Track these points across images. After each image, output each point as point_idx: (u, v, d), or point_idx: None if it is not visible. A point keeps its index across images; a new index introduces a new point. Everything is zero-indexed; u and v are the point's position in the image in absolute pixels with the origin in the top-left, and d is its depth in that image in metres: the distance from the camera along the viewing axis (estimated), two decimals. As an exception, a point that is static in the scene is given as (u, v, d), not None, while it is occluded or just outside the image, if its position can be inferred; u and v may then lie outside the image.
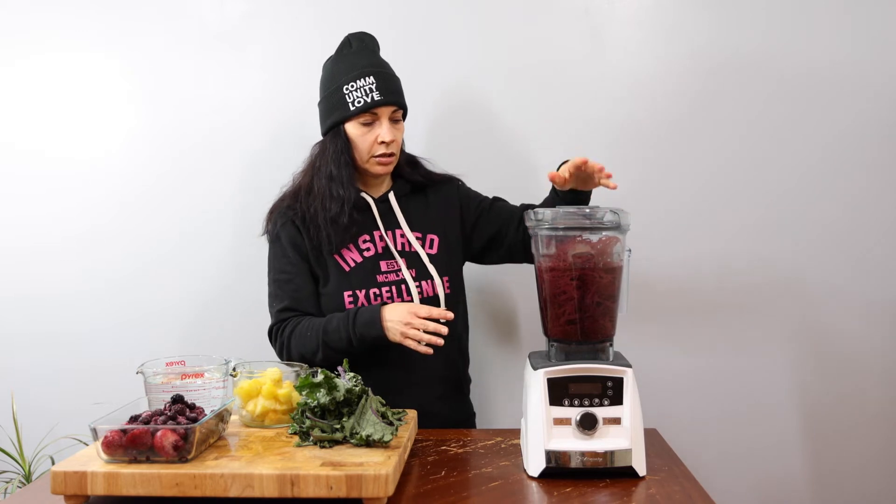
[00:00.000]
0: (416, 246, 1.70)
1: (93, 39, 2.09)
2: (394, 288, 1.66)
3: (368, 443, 1.26)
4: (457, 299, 1.75)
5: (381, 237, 1.70)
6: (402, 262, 1.68)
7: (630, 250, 1.40)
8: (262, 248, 2.07)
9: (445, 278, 1.70)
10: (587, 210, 1.40)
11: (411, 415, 1.48)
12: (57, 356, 2.10)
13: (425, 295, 1.67)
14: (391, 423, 1.34)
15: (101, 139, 2.10)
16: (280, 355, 1.68)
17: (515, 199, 1.83)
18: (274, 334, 1.68)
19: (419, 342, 1.51)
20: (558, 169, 1.58)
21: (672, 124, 2.04)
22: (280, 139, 2.08)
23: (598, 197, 2.03)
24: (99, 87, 2.10)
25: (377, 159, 1.66)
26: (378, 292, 1.65)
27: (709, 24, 2.03)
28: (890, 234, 2.03)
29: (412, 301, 1.64)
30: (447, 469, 1.36)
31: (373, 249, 1.69)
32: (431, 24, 1.87)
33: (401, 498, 1.22)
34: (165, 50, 2.08)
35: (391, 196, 1.73)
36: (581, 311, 1.36)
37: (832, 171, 2.03)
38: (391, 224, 1.72)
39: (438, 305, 1.66)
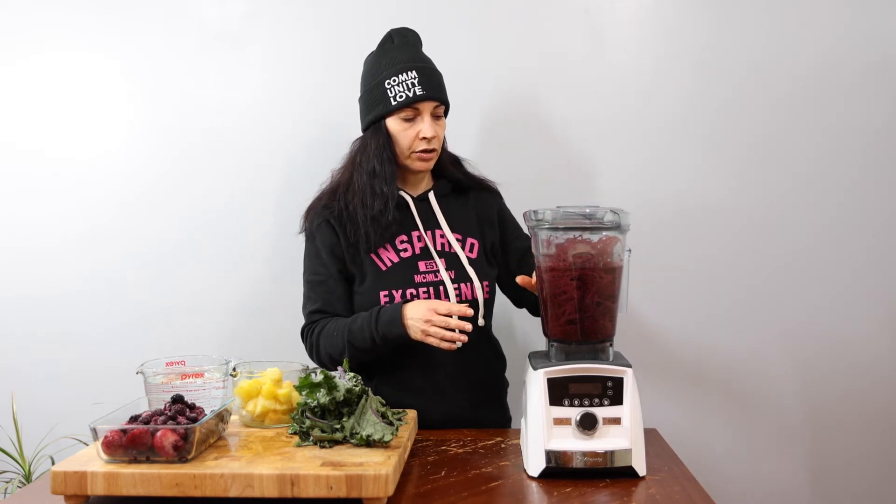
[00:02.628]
0: (457, 247, 1.66)
1: (93, 39, 2.08)
2: (431, 289, 1.62)
3: (368, 443, 1.26)
4: (494, 304, 1.72)
5: (420, 237, 1.66)
6: (441, 263, 1.64)
7: (630, 250, 1.40)
8: (262, 247, 2.08)
9: (486, 283, 1.66)
10: (587, 210, 1.39)
11: (411, 415, 1.48)
12: (57, 356, 2.10)
13: (464, 298, 1.62)
14: (391, 423, 1.34)
15: (101, 139, 2.10)
16: (310, 356, 1.66)
17: (509, 198, 1.82)
18: (305, 335, 1.66)
19: (441, 339, 1.48)
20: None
21: (672, 124, 2.04)
22: (280, 139, 2.07)
23: (599, 196, 2.04)
24: (99, 87, 2.09)
25: (418, 155, 1.62)
26: (415, 293, 1.61)
27: (709, 23, 2.03)
28: (890, 233, 2.03)
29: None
30: (447, 469, 1.36)
31: (410, 250, 1.65)
32: (431, 23, 1.87)
33: (401, 498, 1.22)
34: (165, 50, 2.08)
35: (431, 195, 1.70)
36: (581, 311, 1.36)
37: (833, 170, 2.03)
38: (431, 224, 1.68)
39: (477, 309, 1.63)
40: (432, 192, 1.70)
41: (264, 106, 2.07)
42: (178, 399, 1.31)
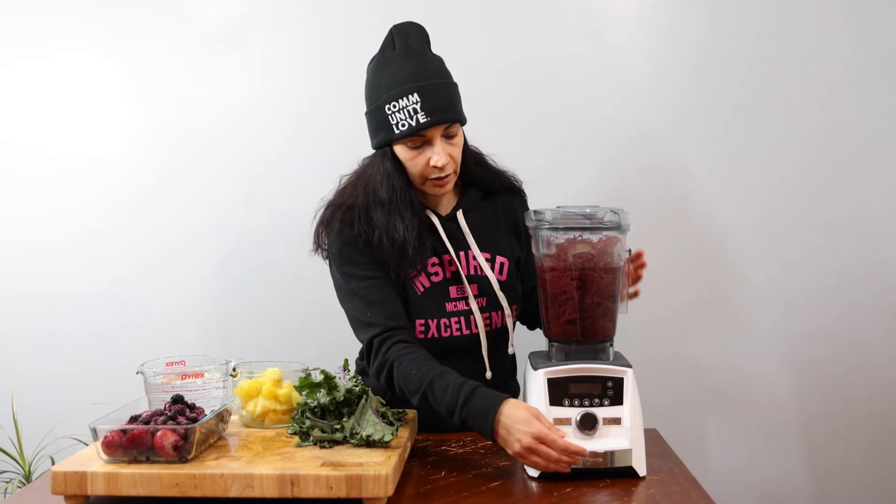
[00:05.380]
0: (487, 270, 1.55)
1: (93, 40, 2.08)
2: (462, 319, 1.54)
3: (369, 443, 1.26)
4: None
5: (451, 261, 1.55)
6: (471, 290, 1.54)
7: (630, 250, 1.40)
8: (260, 248, 2.08)
9: (514, 306, 1.59)
10: (587, 210, 1.39)
11: (411, 415, 1.48)
12: (57, 356, 2.10)
13: (493, 327, 1.56)
14: (391, 423, 1.34)
15: (101, 139, 2.10)
16: (375, 374, 1.47)
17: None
18: (374, 349, 1.46)
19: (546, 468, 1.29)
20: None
21: (672, 124, 2.04)
22: (280, 140, 2.07)
23: (598, 196, 2.03)
24: (99, 87, 2.09)
25: (433, 182, 1.48)
26: (448, 322, 1.53)
27: (708, 23, 2.03)
28: (891, 235, 2.03)
29: (479, 334, 1.53)
30: (447, 469, 1.36)
31: (441, 274, 1.55)
32: (428, 23, 1.85)
33: (401, 498, 1.22)
34: (165, 51, 2.08)
35: (459, 214, 1.57)
36: (581, 311, 1.36)
37: (832, 170, 2.03)
38: (460, 245, 1.56)
39: (507, 338, 1.58)
40: (460, 210, 1.58)
41: (264, 107, 2.07)
42: (178, 399, 1.31)
